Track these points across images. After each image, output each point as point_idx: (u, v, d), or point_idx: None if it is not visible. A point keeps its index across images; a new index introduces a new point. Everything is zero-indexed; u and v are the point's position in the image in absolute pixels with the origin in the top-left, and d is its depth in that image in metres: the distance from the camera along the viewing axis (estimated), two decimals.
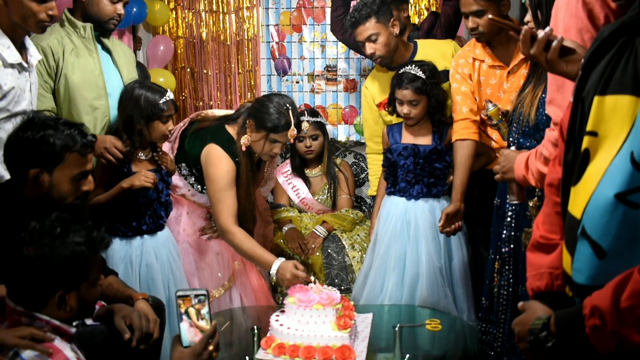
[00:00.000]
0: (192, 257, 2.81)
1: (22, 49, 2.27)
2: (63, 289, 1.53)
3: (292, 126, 2.55)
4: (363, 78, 4.33)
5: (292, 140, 2.64)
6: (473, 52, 2.67)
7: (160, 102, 2.48)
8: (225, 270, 2.86)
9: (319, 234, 3.18)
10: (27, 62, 2.26)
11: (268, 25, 4.33)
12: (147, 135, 2.51)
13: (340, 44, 4.30)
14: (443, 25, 3.14)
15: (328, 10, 4.27)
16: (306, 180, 3.44)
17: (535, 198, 2.16)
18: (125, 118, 2.50)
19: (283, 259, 2.48)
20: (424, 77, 2.69)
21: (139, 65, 3.14)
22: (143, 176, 2.43)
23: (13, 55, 2.17)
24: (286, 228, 3.23)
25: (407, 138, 2.83)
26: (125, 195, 2.46)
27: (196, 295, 1.61)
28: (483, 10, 2.51)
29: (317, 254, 3.14)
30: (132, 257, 2.54)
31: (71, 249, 1.51)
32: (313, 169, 3.46)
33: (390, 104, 2.83)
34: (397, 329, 2.12)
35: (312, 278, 2.19)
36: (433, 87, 2.71)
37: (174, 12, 4.27)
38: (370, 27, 2.85)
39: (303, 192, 3.39)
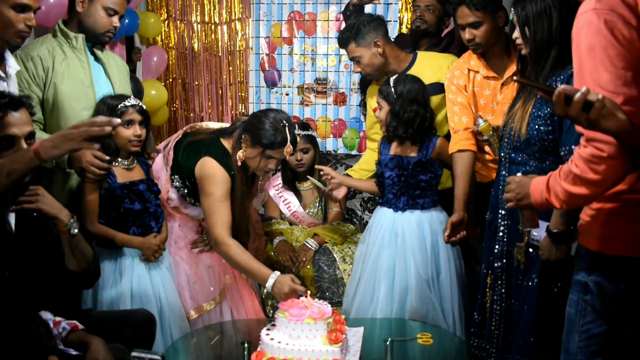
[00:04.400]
0: (184, 270, 2.78)
1: (0, 60, 2.26)
2: None
3: (288, 143, 2.54)
4: (353, 91, 4.36)
5: (287, 157, 2.64)
6: (468, 64, 2.71)
7: (119, 106, 2.48)
8: (216, 283, 2.83)
9: (310, 246, 3.17)
10: (5, 72, 2.25)
11: (258, 37, 4.34)
12: (113, 141, 2.48)
13: (330, 57, 4.33)
14: (457, 47, 3.15)
15: (319, 24, 4.30)
16: (297, 194, 3.42)
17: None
18: None
19: (279, 273, 2.45)
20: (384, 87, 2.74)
21: (133, 78, 3.13)
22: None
23: None
24: (277, 240, 3.22)
25: (394, 150, 2.84)
26: (110, 207, 2.45)
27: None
28: (479, 22, 2.55)
29: (308, 266, 3.13)
30: (123, 269, 2.52)
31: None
32: (304, 182, 3.45)
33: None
34: (388, 343, 2.12)
35: (309, 292, 2.17)
36: (391, 96, 2.72)
37: (166, 24, 4.27)
38: (351, 50, 2.94)
39: (294, 205, 3.38)
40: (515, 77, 1.40)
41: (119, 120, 1.57)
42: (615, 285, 1.60)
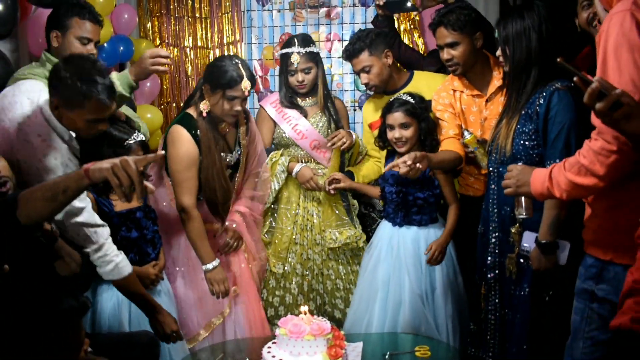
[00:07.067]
0: (193, 287, 2.82)
1: None
2: None
3: (245, 78, 2.64)
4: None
5: (247, 93, 2.70)
6: (452, 85, 2.79)
7: (125, 143, 2.49)
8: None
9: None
10: None
11: (251, 60, 4.41)
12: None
13: None
14: None
15: None
16: (299, 110, 3.17)
17: (517, 224, 2.25)
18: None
19: (218, 262, 2.67)
20: (413, 101, 2.79)
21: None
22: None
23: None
24: (298, 167, 3.11)
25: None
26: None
27: None
28: (457, 42, 2.64)
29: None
30: (121, 295, 2.54)
31: (40, 324, 1.40)
32: (306, 99, 3.20)
33: (381, 137, 2.90)
34: (387, 357, 2.17)
35: (307, 308, 2.18)
36: (422, 111, 2.80)
37: (160, 49, 4.35)
38: (363, 59, 2.99)
39: (296, 119, 3.14)
40: (558, 60, 1.45)
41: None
42: None
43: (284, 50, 3.13)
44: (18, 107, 2.19)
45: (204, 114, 2.69)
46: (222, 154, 2.78)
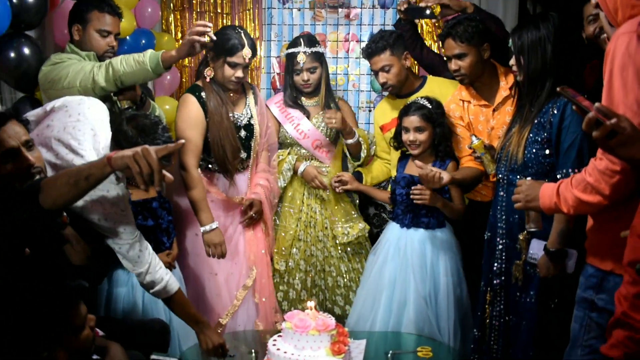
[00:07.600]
0: (219, 264, 2.90)
1: None
2: (45, 350, 1.42)
3: (246, 46, 2.78)
4: (361, 110, 4.45)
5: (247, 60, 2.82)
6: (460, 95, 2.83)
7: (155, 141, 2.52)
8: (244, 266, 3.00)
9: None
10: None
11: (270, 57, 4.46)
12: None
13: (339, 76, 4.44)
14: None
15: (328, 44, 4.41)
16: (302, 110, 3.24)
17: (525, 232, 2.28)
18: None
19: (216, 225, 2.76)
20: (430, 106, 2.82)
21: (146, 90, 3.24)
22: None
23: None
24: (303, 167, 3.19)
25: (409, 169, 2.93)
26: None
27: None
28: (464, 54, 2.68)
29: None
30: (134, 282, 2.61)
31: (39, 306, 1.42)
32: (309, 99, 3.27)
33: (396, 138, 2.94)
34: (390, 355, 2.21)
35: (313, 303, 2.23)
36: (438, 116, 2.82)
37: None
38: (384, 58, 3.02)
39: (300, 121, 3.21)
40: (558, 88, 1.48)
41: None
42: None
43: (290, 50, 3.20)
44: (80, 135, 2.10)
45: (208, 80, 2.85)
46: (229, 114, 2.91)
